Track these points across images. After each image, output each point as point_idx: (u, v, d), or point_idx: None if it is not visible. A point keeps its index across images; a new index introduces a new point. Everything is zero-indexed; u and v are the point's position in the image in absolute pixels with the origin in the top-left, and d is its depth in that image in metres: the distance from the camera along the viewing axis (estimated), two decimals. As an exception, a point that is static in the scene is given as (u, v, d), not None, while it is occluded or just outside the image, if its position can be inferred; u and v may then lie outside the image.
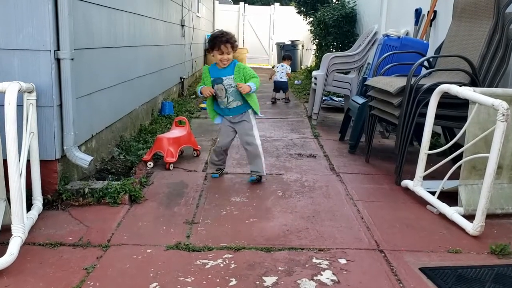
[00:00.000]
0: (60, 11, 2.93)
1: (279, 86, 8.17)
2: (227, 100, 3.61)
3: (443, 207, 3.02)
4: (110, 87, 4.04)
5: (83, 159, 3.13)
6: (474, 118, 2.94)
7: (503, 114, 2.59)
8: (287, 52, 13.90)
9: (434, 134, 5.03)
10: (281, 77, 8.15)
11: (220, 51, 3.52)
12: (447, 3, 4.70)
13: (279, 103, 7.96)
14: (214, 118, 3.78)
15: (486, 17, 3.75)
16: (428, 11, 5.41)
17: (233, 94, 3.58)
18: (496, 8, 3.65)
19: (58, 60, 2.98)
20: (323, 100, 7.03)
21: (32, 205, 2.86)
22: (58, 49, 2.97)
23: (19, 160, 2.49)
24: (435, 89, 3.21)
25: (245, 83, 3.52)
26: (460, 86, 3.02)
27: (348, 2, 9.30)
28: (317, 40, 9.87)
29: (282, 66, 8.32)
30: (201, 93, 3.65)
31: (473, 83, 3.57)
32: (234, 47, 3.57)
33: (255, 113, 3.69)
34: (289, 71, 8.36)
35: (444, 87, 3.09)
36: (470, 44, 3.84)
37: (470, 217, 2.85)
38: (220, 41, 3.51)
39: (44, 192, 2.99)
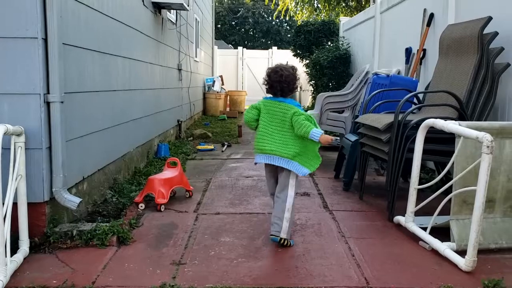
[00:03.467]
0: (50, 56, 3.01)
1: None
2: None
3: (435, 243, 2.98)
4: (103, 129, 4.08)
5: (72, 201, 3.13)
6: (461, 151, 2.94)
7: (488, 147, 2.59)
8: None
9: (429, 170, 5.02)
10: None
11: None
12: (435, 41, 4.80)
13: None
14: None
15: (471, 53, 3.82)
16: (418, 50, 5.52)
17: None
18: (480, 44, 3.72)
19: (47, 104, 3.03)
20: (319, 139, 7.06)
21: (19, 248, 2.84)
22: (48, 93, 3.03)
23: (3, 203, 2.48)
24: (422, 124, 3.23)
25: None
26: (446, 120, 3.04)
27: (342, 44, 9.50)
28: (313, 81, 10.03)
29: None
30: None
31: (462, 117, 3.59)
32: None
33: None
34: None
35: (429, 122, 3.10)
36: (457, 80, 3.89)
37: (462, 252, 2.80)
38: None
39: (32, 235, 2.97)
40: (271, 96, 3.20)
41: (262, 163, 3.16)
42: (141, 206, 3.89)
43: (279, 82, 3.11)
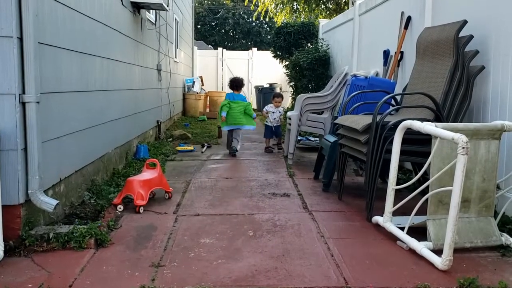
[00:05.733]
0: (26, 55, 2.95)
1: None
2: None
3: (412, 242, 3.02)
4: (81, 130, 4.03)
5: (48, 203, 3.08)
6: (437, 152, 2.99)
7: (463, 148, 2.64)
8: (265, 94, 14.15)
9: (407, 171, 5.09)
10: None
11: None
12: (412, 44, 4.87)
13: (252, 145, 7.89)
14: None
15: (447, 55, 3.89)
16: (395, 52, 5.59)
17: None
18: (455, 47, 3.79)
19: (23, 104, 2.98)
20: (299, 140, 7.10)
21: (-7, 252, 2.78)
22: (24, 93, 2.97)
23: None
24: (399, 125, 3.27)
25: None
26: (423, 122, 3.09)
27: (321, 45, 9.57)
28: (293, 83, 10.07)
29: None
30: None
31: (438, 119, 3.66)
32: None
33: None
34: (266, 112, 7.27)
35: (407, 123, 3.15)
36: (433, 82, 3.96)
37: (439, 251, 2.84)
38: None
39: (6, 238, 2.91)
40: (232, 91, 6.84)
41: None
42: (120, 208, 3.85)
43: (236, 82, 6.86)
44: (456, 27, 3.84)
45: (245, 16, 33.31)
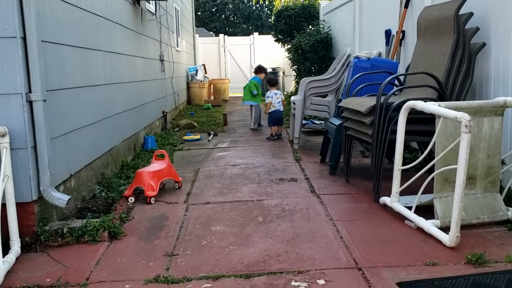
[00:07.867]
0: (30, 54, 2.99)
1: (277, 118, 7.06)
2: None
3: (420, 221, 3.06)
4: (88, 125, 4.08)
5: (60, 198, 3.14)
6: (441, 131, 3.01)
7: (466, 126, 2.66)
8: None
9: (413, 150, 5.11)
10: (280, 107, 7.18)
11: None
12: (413, 23, 4.85)
13: (260, 130, 7.92)
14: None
15: (447, 34, 3.88)
16: (397, 32, 5.57)
17: None
18: (456, 24, 3.78)
19: (30, 103, 3.02)
20: (304, 124, 7.12)
21: (10, 249, 2.85)
22: (30, 92, 3.02)
23: (-8, 204, 2.49)
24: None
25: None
26: (426, 101, 3.11)
27: (323, 27, 9.51)
28: (296, 66, 10.04)
29: (276, 93, 7.21)
30: None
31: (441, 97, 3.67)
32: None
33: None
34: (283, 98, 7.40)
35: (410, 104, 3.17)
36: (435, 61, 3.95)
37: (446, 229, 2.88)
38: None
39: (22, 235, 2.98)
40: (255, 75, 8.47)
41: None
42: (131, 200, 3.91)
43: (259, 68, 8.56)
44: (456, 5, 3.82)
45: (245, 1, 33.02)
